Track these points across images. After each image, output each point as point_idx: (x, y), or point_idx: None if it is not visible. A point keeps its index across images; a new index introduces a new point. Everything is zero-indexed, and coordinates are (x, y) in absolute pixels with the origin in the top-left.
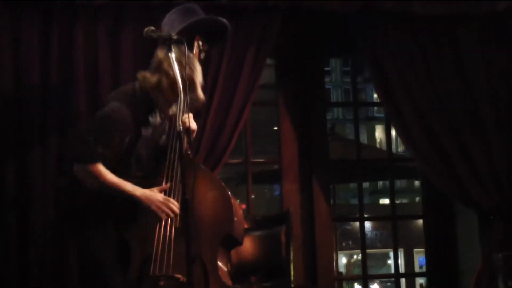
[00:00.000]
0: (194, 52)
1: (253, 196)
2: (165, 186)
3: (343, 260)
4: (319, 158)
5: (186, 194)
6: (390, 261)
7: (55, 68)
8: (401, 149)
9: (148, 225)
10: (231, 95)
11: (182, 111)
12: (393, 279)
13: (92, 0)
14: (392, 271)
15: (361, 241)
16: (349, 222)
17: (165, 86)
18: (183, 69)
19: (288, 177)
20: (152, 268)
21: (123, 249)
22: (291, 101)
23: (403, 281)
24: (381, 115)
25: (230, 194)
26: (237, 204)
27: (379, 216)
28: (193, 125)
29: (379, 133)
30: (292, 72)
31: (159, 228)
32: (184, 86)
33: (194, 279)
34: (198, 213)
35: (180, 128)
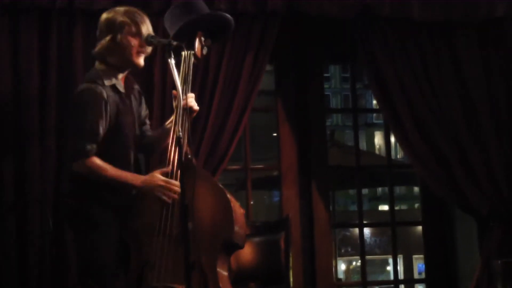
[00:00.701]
0: (196, 48)
1: (252, 202)
2: (166, 169)
3: (342, 267)
4: (318, 164)
5: (185, 199)
6: (389, 268)
7: (54, 72)
8: (400, 155)
9: (145, 229)
10: (230, 101)
11: (179, 116)
12: (392, 285)
13: (91, 4)
14: (391, 277)
15: (360, 247)
16: (348, 228)
17: (116, 43)
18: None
19: (287, 183)
20: (150, 277)
21: (125, 252)
22: (290, 107)
23: (402, 287)
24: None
25: (229, 197)
26: (238, 206)
27: (378, 222)
28: (195, 106)
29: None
30: (291, 78)
31: (157, 235)
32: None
33: (194, 286)
34: (197, 218)
35: (180, 134)
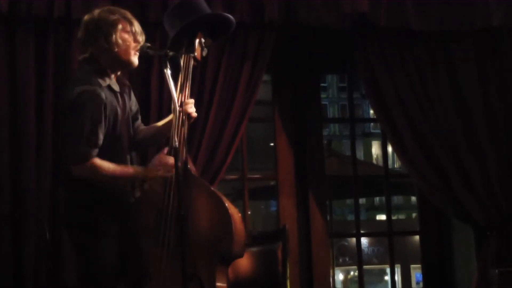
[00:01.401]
0: (196, 50)
1: (250, 212)
2: (165, 150)
3: (340, 276)
4: (315, 174)
5: (182, 209)
6: (387, 277)
7: (51, 83)
8: (398, 164)
9: (143, 240)
10: (228, 111)
11: (177, 127)
12: None
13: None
14: (389, 287)
15: (358, 257)
16: (345, 238)
17: (108, 43)
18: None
19: (284, 193)
20: None
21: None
22: (287, 117)
23: None
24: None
25: (228, 205)
26: (236, 213)
27: (376, 232)
28: (194, 113)
29: (375, 149)
30: (288, 88)
31: (155, 246)
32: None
33: None
34: (195, 230)
35: (176, 144)
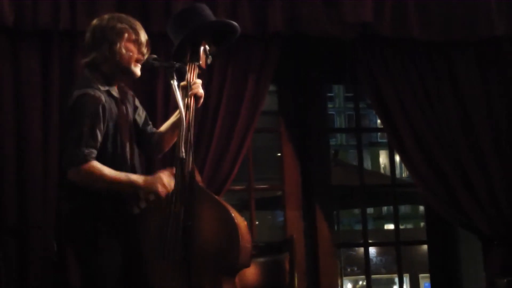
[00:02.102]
0: (201, 59)
1: (257, 222)
2: (171, 169)
3: (348, 286)
4: (322, 184)
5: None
6: (396, 287)
7: (56, 95)
8: (405, 174)
9: (149, 253)
10: (233, 122)
11: (183, 138)
12: None
13: None
14: None
15: (366, 267)
16: (353, 248)
17: (111, 51)
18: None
19: (291, 203)
20: None
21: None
22: (293, 127)
23: None
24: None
25: (234, 215)
26: (242, 222)
27: (384, 241)
28: (200, 92)
29: (383, 158)
30: (294, 98)
31: (161, 258)
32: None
33: None
34: (200, 241)
35: (183, 155)
